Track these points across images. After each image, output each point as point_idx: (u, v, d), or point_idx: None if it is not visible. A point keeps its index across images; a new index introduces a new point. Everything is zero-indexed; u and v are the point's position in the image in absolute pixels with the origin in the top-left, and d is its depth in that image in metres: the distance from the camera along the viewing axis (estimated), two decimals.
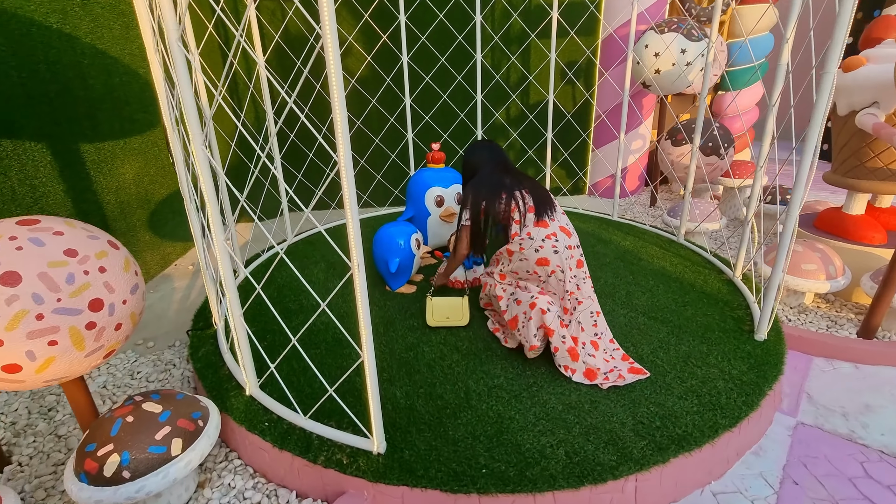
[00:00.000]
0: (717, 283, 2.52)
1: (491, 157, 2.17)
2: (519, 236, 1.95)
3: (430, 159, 2.87)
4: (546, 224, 1.94)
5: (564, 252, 1.89)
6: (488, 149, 2.22)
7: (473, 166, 2.20)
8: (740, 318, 2.19)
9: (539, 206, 1.98)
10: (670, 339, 2.03)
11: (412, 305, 2.42)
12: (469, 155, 2.26)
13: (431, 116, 4.07)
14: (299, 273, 1.85)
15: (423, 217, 2.81)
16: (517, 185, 2.02)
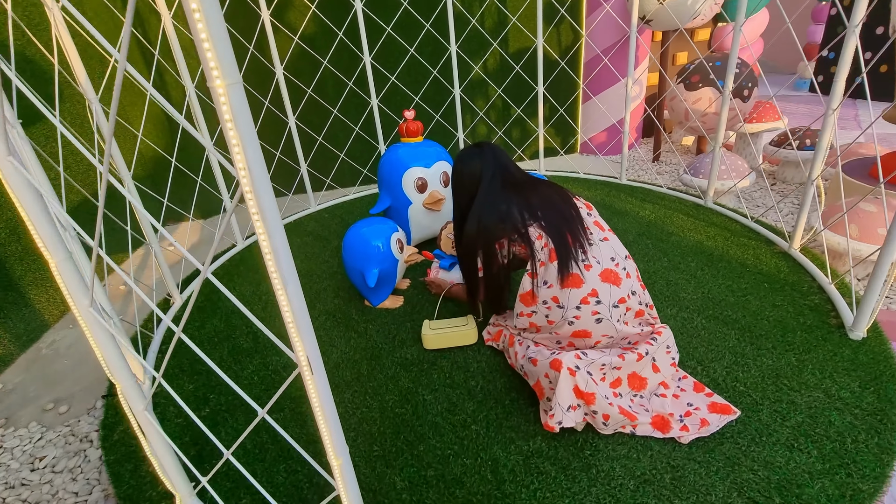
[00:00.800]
0: (772, 259, 2.05)
1: (486, 168, 1.55)
2: (539, 300, 1.38)
3: (403, 131, 2.25)
4: (579, 281, 1.31)
5: (614, 312, 1.33)
6: (479, 155, 1.58)
7: (467, 187, 1.59)
8: (817, 306, 1.73)
9: (563, 248, 1.34)
10: (744, 347, 1.56)
11: (401, 326, 1.88)
12: (458, 171, 1.63)
13: (398, 76, 3.39)
14: (247, 291, 1.26)
15: (403, 206, 2.23)
16: (527, 210, 1.43)
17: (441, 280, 2.01)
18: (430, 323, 1.77)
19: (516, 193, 1.47)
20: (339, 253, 2.54)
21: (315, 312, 2.02)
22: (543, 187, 1.49)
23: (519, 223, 1.39)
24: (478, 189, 1.52)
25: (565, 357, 1.26)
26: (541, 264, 1.36)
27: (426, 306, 2.00)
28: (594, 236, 1.41)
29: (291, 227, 2.95)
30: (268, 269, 0.62)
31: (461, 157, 1.63)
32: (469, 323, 1.71)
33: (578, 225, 1.40)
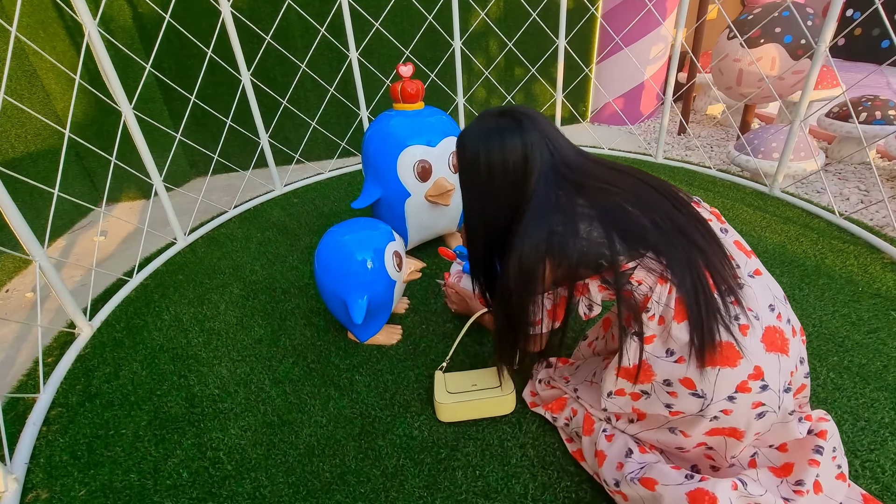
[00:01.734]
0: (887, 274, 1.57)
1: (535, 154, 0.88)
2: (657, 378, 0.83)
3: (398, 95, 1.63)
4: (733, 354, 0.76)
5: (786, 399, 0.79)
6: (518, 131, 0.88)
7: (499, 188, 0.91)
8: None
9: (701, 298, 0.78)
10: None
11: (402, 376, 1.33)
12: (477, 158, 0.91)
13: (383, 23, 2.70)
14: (187, 312, 0.70)
15: (398, 200, 1.63)
16: (621, 228, 0.82)
17: (465, 291, 1.44)
18: (447, 378, 1.23)
19: (591, 196, 0.84)
20: (311, 255, 1.94)
21: (278, 351, 1.45)
22: (634, 181, 0.88)
23: (614, 256, 0.79)
24: (521, 193, 0.88)
25: (721, 489, 0.74)
26: (656, 320, 0.81)
27: (437, 339, 1.45)
28: (742, 270, 0.85)
29: (249, 217, 2.31)
30: None
31: (480, 133, 0.90)
32: (505, 384, 1.17)
33: (718, 253, 0.83)
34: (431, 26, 2.71)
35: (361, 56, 2.57)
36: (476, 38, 3.06)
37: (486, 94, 3.34)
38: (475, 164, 0.91)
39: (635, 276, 0.80)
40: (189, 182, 3.11)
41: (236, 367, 1.40)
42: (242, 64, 2.19)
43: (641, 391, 0.87)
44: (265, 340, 1.49)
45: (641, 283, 0.80)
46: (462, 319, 1.50)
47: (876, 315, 1.40)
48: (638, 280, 0.80)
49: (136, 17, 2.58)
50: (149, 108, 2.73)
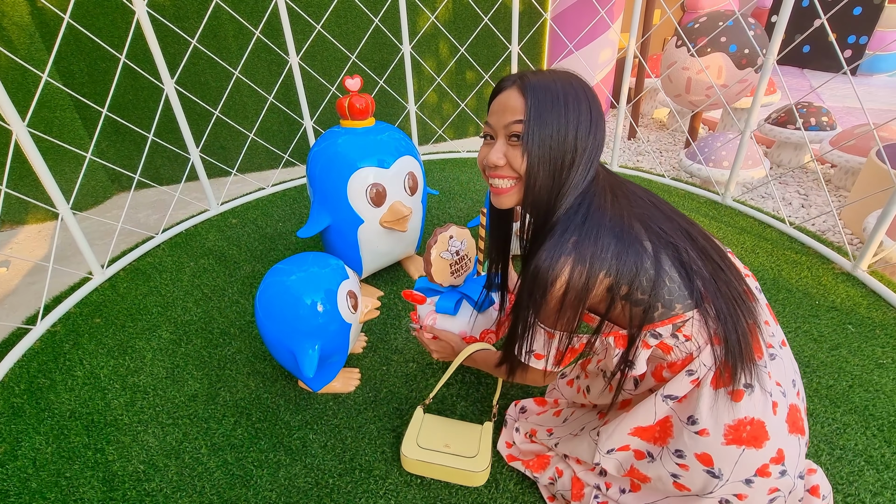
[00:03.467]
0: (839, 286, 1.60)
1: (587, 137, 0.72)
2: (671, 452, 0.74)
3: (345, 111, 1.47)
4: (761, 433, 0.68)
5: (799, 486, 0.74)
6: (588, 102, 0.73)
7: (566, 160, 0.72)
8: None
9: (741, 361, 0.69)
10: (880, 449, 1.08)
11: (362, 430, 1.19)
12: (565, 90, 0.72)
13: (326, 24, 2.51)
14: (107, 364, 0.53)
15: (349, 227, 1.48)
16: (679, 264, 0.71)
17: (445, 334, 1.14)
18: (425, 421, 1.10)
19: (643, 222, 0.72)
20: (254, 286, 1.74)
21: (217, 409, 1.26)
22: (672, 213, 0.78)
23: (671, 299, 0.69)
24: (569, 171, 0.72)
25: None
26: (691, 382, 0.72)
27: (400, 383, 1.31)
28: (775, 337, 0.77)
29: (181, 243, 2.06)
30: None
31: (575, 85, 0.73)
32: (481, 455, 1.04)
33: (760, 318, 0.75)
34: (378, 27, 2.55)
35: (303, 61, 2.37)
36: (426, 41, 2.93)
37: (437, 99, 3.22)
38: (566, 107, 0.70)
39: (685, 329, 0.70)
40: (111, 198, 2.77)
41: (166, 433, 1.20)
42: (164, 70, 1.94)
43: (647, 451, 0.78)
44: (201, 396, 1.30)
45: (690, 338, 0.70)
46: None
47: (835, 330, 1.42)
48: (686, 335, 0.70)
49: (35, 14, 2.23)
50: (58, 118, 2.39)
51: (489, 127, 0.77)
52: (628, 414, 0.79)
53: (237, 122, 2.65)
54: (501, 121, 0.74)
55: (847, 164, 2.47)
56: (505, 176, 0.76)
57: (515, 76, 0.75)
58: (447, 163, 2.82)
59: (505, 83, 0.76)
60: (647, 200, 0.77)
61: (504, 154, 0.74)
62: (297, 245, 2.00)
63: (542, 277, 0.69)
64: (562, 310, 0.71)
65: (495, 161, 0.74)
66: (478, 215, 1.80)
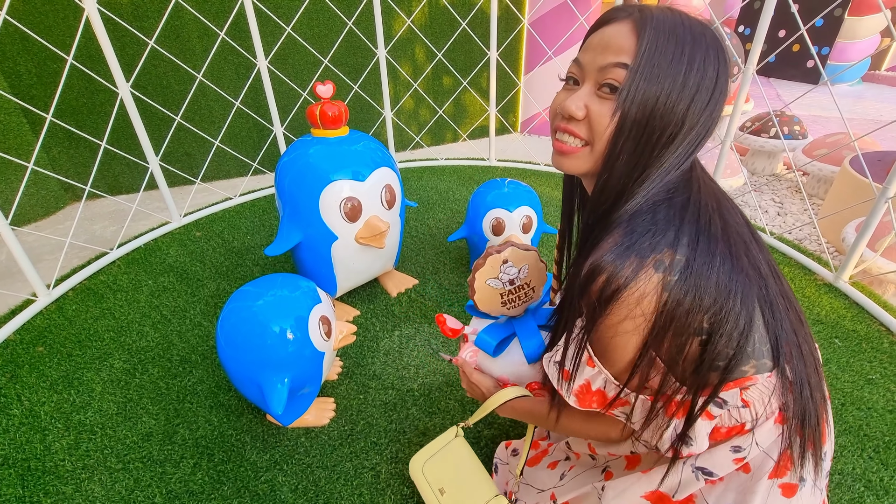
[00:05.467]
0: (823, 298, 1.59)
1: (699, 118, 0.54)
2: None
3: (316, 120, 1.37)
4: None
5: None
6: (718, 72, 0.54)
7: (669, 129, 0.54)
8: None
9: (804, 446, 0.58)
10: (878, 471, 1.04)
11: (336, 468, 1.08)
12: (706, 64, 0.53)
13: (297, 26, 2.39)
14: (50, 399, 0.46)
15: (322, 243, 1.38)
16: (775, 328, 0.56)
17: (477, 376, 0.92)
18: (450, 445, 0.95)
19: (735, 247, 0.56)
20: (219, 307, 1.62)
21: (174, 450, 1.14)
22: (753, 234, 0.61)
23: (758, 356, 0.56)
24: (664, 150, 0.55)
25: None
26: (723, 432, 0.61)
27: (378, 414, 1.22)
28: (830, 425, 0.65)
29: (139, 259, 1.91)
30: None
31: (697, 29, 0.54)
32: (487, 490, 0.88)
33: (824, 387, 0.63)
34: (352, 30, 2.45)
35: (273, 64, 2.25)
36: (402, 46, 2.84)
37: (414, 105, 3.14)
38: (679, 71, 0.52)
39: (747, 393, 0.56)
40: (63, 209, 2.58)
41: (115, 479, 1.07)
42: (118, 72, 1.79)
43: None
44: (156, 435, 1.17)
45: (749, 406, 0.57)
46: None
47: (822, 345, 1.40)
48: (745, 401, 0.56)
49: None
50: (1, 123, 2.20)
51: (577, 66, 0.58)
52: (644, 475, 0.67)
53: (203, 127, 2.51)
54: (598, 60, 0.54)
55: (820, 172, 2.51)
56: (577, 134, 0.57)
57: (634, 7, 0.55)
58: (425, 171, 2.73)
59: (617, 13, 0.56)
60: (739, 213, 0.60)
61: (586, 105, 0.55)
62: (267, 261, 1.88)
63: (595, 274, 0.52)
64: (619, 337, 0.54)
65: (573, 111, 0.55)
66: (459, 228, 1.72)
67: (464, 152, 3.11)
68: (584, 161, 0.59)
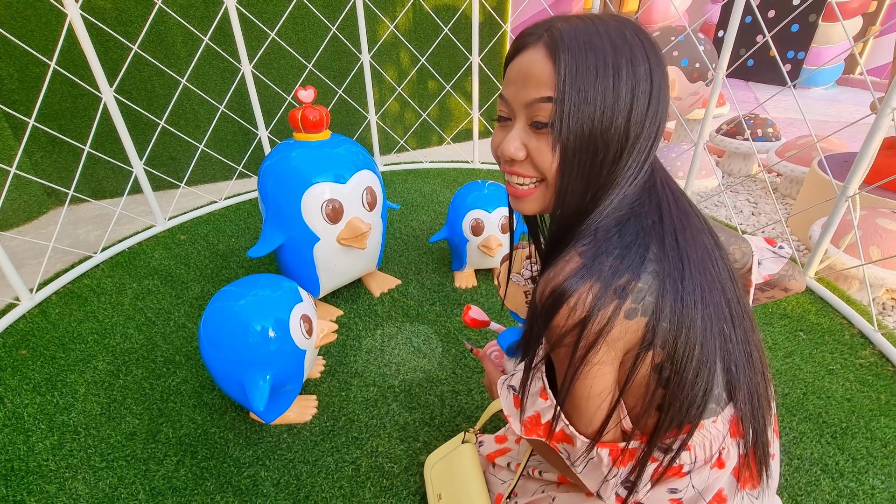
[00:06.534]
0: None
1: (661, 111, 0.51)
2: None
3: (298, 124, 1.40)
4: None
5: None
6: (659, 85, 0.50)
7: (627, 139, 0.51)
8: (875, 367, 1.35)
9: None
10: (835, 457, 1.10)
11: (318, 463, 1.11)
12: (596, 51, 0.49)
13: (282, 31, 2.42)
14: (33, 402, 0.41)
15: (305, 245, 1.41)
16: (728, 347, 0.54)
17: (493, 372, 0.85)
18: (456, 451, 0.95)
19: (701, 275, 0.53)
20: (204, 308, 1.63)
21: (158, 448, 1.16)
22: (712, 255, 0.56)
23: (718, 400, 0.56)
24: (613, 167, 0.52)
25: None
26: (675, 472, 0.58)
27: (359, 409, 1.25)
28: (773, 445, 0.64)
29: (123, 262, 1.92)
30: None
31: (616, 36, 0.49)
32: None
33: (768, 411, 0.60)
34: (336, 35, 2.49)
35: (257, 68, 2.28)
36: (386, 50, 2.88)
37: (399, 108, 3.17)
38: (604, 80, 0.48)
39: (690, 439, 0.54)
40: (46, 213, 2.57)
41: (99, 478, 1.09)
42: (101, 77, 1.81)
43: None
44: (140, 434, 1.19)
45: (690, 449, 0.56)
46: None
47: (787, 338, 1.46)
48: (688, 446, 0.55)
49: None
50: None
51: (504, 103, 0.55)
52: (590, 499, 0.69)
53: (187, 131, 2.52)
54: (522, 96, 0.52)
55: (792, 173, 2.59)
56: (526, 175, 0.55)
57: (543, 27, 0.51)
58: (409, 174, 2.77)
59: (526, 39, 0.52)
60: (700, 218, 0.57)
61: (524, 144, 0.53)
62: (251, 264, 1.90)
63: (550, 296, 0.50)
64: (562, 348, 0.51)
65: (511, 153, 0.53)
66: (441, 229, 1.76)
67: (448, 155, 3.16)
68: (541, 199, 0.56)
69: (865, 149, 1.43)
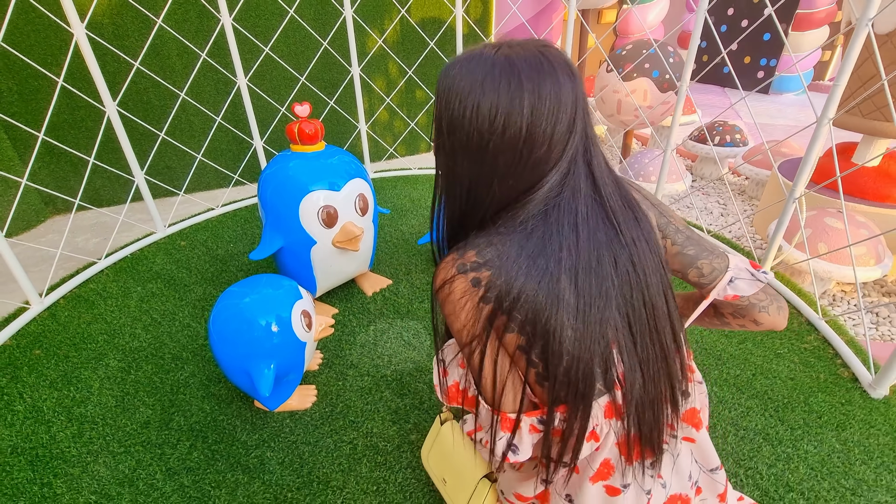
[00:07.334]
0: None
1: (564, 138, 0.57)
2: None
3: (295, 137, 1.52)
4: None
5: None
6: (553, 88, 0.55)
7: (509, 160, 0.57)
8: (818, 351, 1.51)
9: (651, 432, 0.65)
10: (776, 428, 1.25)
11: (318, 444, 1.23)
12: (475, 106, 0.56)
13: (274, 45, 2.54)
14: (49, 397, 0.54)
15: (302, 248, 1.53)
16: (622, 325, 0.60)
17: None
18: (440, 435, 0.98)
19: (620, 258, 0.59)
20: (206, 309, 1.74)
21: (171, 434, 1.27)
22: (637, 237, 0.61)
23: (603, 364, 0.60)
24: (532, 174, 0.58)
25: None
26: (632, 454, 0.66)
27: (355, 396, 1.37)
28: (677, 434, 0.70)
29: (126, 267, 2.02)
30: None
31: (498, 66, 0.56)
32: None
33: (677, 391, 0.66)
34: (327, 49, 2.61)
35: (251, 80, 2.39)
36: (375, 62, 3.02)
37: (389, 117, 3.31)
38: (506, 117, 0.54)
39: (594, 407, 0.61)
40: (44, 222, 2.65)
41: (118, 461, 1.19)
42: (105, 92, 1.91)
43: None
44: (154, 423, 1.30)
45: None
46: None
47: None
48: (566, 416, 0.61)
49: None
50: None
51: None
52: (519, 473, 0.78)
53: (183, 140, 2.62)
54: None
55: (757, 176, 2.77)
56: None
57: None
58: (399, 180, 2.90)
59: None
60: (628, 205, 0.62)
61: None
62: (250, 266, 2.01)
63: (433, 282, 0.61)
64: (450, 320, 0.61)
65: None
66: (428, 232, 1.89)
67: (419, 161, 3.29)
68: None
69: (808, 155, 1.60)
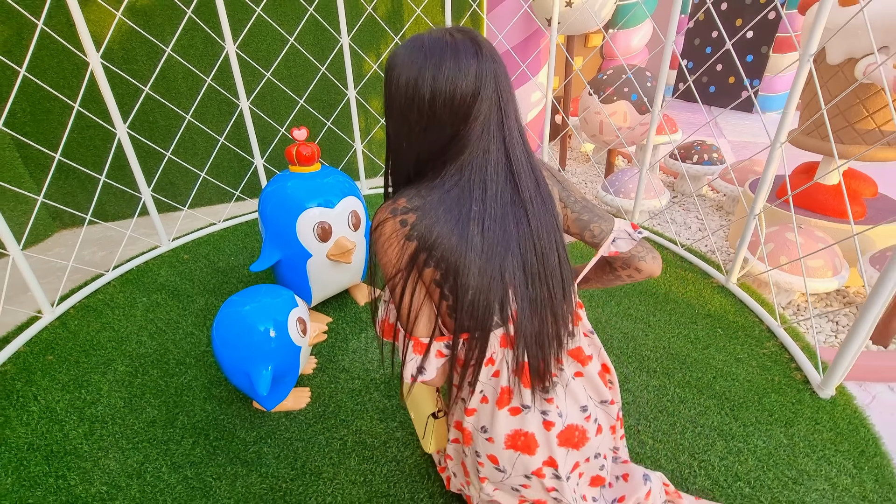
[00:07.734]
0: (715, 297, 1.95)
1: (482, 106, 0.69)
2: (474, 444, 0.88)
3: (293, 158, 1.66)
4: (531, 444, 0.83)
5: (572, 481, 0.88)
6: (475, 64, 0.67)
7: (437, 120, 0.69)
8: (775, 355, 1.63)
9: (539, 366, 0.79)
10: (729, 424, 1.36)
11: (312, 440, 1.34)
12: (408, 63, 0.68)
13: (276, 72, 2.70)
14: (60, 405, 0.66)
15: (299, 260, 1.65)
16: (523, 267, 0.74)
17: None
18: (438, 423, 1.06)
19: (523, 207, 0.73)
20: (209, 318, 1.86)
21: (176, 432, 1.37)
22: (542, 200, 0.75)
23: (501, 301, 0.73)
24: (455, 133, 0.69)
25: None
26: (479, 398, 0.84)
27: (346, 397, 1.48)
28: (565, 372, 0.86)
29: (132, 279, 2.14)
30: None
31: (429, 46, 0.67)
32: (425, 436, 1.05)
33: (562, 330, 0.80)
34: (325, 73, 2.77)
35: (253, 102, 2.54)
36: (371, 83, 3.18)
37: (383, 136, 3.46)
38: (414, 85, 0.67)
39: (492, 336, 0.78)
40: (52, 236, 2.77)
41: (127, 456, 1.30)
42: (117, 115, 2.05)
43: (461, 450, 0.95)
44: (159, 421, 1.41)
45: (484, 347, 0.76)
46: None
47: (707, 333, 1.74)
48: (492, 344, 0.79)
49: None
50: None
51: None
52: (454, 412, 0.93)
53: (187, 158, 2.76)
54: None
55: (732, 193, 2.92)
56: None
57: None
58: None
59: None
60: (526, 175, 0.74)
61: None
62: (250, 278, 2.13)
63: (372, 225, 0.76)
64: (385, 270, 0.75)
65: None
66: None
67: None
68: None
69: (765, 175, 1.74)
